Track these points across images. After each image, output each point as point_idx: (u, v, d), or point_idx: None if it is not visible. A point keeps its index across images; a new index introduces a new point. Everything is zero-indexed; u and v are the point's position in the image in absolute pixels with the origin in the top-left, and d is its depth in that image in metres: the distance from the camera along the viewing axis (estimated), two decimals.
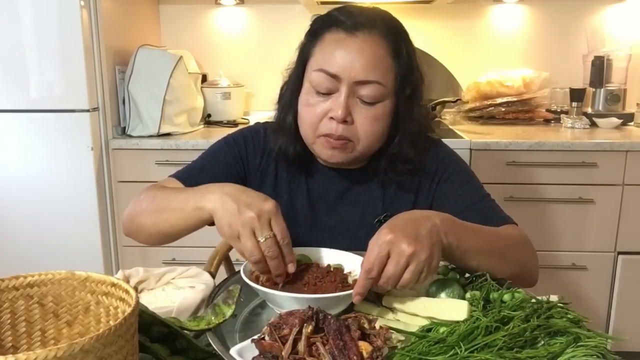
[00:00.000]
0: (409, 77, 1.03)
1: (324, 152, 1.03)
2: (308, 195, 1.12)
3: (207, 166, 1.12)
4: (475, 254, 0.86)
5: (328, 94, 1.00)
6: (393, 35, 1.01)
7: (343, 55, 0.98)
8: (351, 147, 1.02)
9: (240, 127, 2.42)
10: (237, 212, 0.81)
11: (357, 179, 1.11)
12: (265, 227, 0.80)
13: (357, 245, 0.94)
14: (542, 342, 0.67)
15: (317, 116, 1.01)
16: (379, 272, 0.76)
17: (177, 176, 1.10)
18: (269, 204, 0.81)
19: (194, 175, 1.09)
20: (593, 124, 2.40)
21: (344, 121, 0.99)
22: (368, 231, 1.06)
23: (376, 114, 1.00)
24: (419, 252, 0.76)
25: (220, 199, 0.84)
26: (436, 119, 2.49)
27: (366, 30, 0.99)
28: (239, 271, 0.86)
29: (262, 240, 0.79)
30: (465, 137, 2.12)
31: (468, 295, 0.79)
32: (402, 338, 0.70)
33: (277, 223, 0.81)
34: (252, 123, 1.18)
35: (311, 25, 1.06)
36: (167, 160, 2.13)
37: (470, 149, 2.06)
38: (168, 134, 2.22)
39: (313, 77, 1.01)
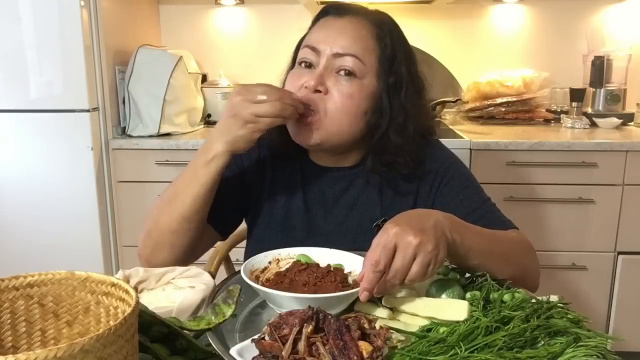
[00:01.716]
0: (392, 65, 1.04)
1: (295, 131, 1.03)
2: (304, 200, 1.11)
3: None
4: (478, 253, 0.85)
5: (310, 67, 1.03)
6: (380, 22, 1.05)
7: (327, 32, 1.03)
8: (317, 123, 1.00)
9: None
10: (228, 114, 0.95)
11: (354, 182, 1.10)
12: (253, 92, 0.93)
13: (355, 249, 0.93)
14: (542, 342, 0.67)
15: (296, 87, 1.02)
16: (386, 266, 0.74)
17: None
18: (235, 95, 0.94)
19: None
20: (593, 124, 2.40)
21: (317, 91, 0.99)
22: (366, 236, 1.05)
23: (351, 89, 1.00)
24: (425, 242, 0.75)
25: (215, 136, 0.97)
26: (436, 119, 2.49)
27: (353, 14, 1.05)
28: (239, 271, 0.86)
29: (262, 98, 0.92)
30: (465, 137, 2.12)
31: (468, 295, 0.79)
32: (402, 338, 0.70)
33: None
34: None
35: None
36: (167, 160, 2.13)
37: (470, 149, 2.06)
38: (168, 134, 2.22)
39: (300, 54, 1.05)
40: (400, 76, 1.04)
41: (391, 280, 0.75)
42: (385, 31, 1.04)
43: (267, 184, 1.13)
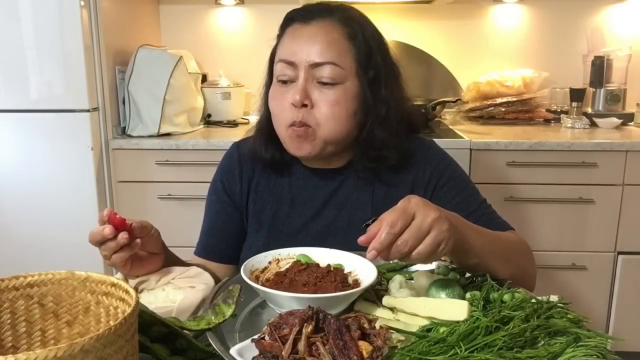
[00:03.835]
0: (369, 59, 1.03)
1: (291, 145, 1.03)
2: (292, 203, 1.11)
3: (213, 227, 1.17)
4: (480, 251, 0.85)
5: (289, 82, 1.02)
6: (347, 19, 1.04)
7: (298, 43, 1.01)
8: (312, 134, 1.01)
9: (240, 127, 2.43)
10: None
11: (345, 182, 1.10)
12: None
13: (346, 250, 0.93)
14: (542, 342, 0.67)
15: (283, 106, 1.02)
16: (402, 230, 0.73)
17: (199, 252, 1.16)
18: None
19: (210, 242, 1.16)
20: (593, 124, 2.40)
21: (304, 105, 0.99)
22: (356, 236, 1.06)
23: (337, 96, 1.00)
24: (443, 221, 0.75)
25: None
26: (436, 119, 2.49)
27: (320, 17, 1.02)
28: (239, 271, 0.86)
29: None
30: (465, 137, 2.11)
31: (468, 295, 0.79)
32: (402, 338, 0.70)
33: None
34: (252, 123, 1.19)
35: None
36: (167, 160, 2.13)
37: (470, 149, 2.06)
38: (168, 134, 2.22)
39: (276, 70, 1.04)
40: (378, 68, 1.04)
41: (400, 246, 0.73)
42: (356, 28, 1.03)
43: (252, 194, 1.13)
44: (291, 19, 1.05)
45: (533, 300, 0.75)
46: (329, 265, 0.89)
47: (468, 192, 1.09)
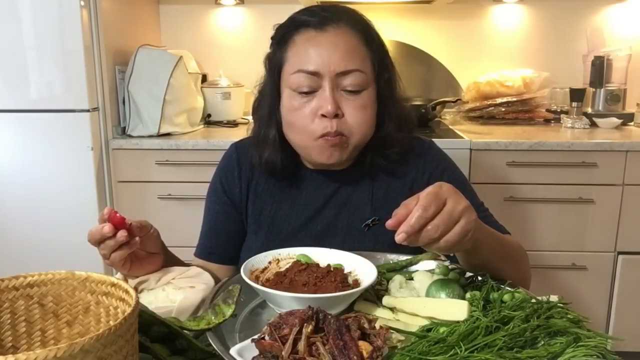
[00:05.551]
0: (383, 61, 1.04)
1: (323, 153, 1.02)
2: (292, 203, 1.11)
3: (213, 228, 1.16)
4: (489, 253, 0.86)
5: (311, 92, 0.99)
6: (360, 23, 1.03)
7: (318, 52, 0.99)
8: (346, 142, 1.01)
9: (240, 127, 2.44)
10: None
11: (345, 183, 1.10)
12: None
13: (345, 250, 0.93)
14: (542, 342, 0.67)
15: (307, 117, 1.00)
16: (434, 215, 0.72)
17: (199, 254, 1.16)
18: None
19: (210, 244, 1.15)
20: (593, 124, 2.40)
21: (336, 115, 0.98)
22: (356, 236, 1.05)
23: (363, 102, 1.01)
24: (471, 211, 0.75)
25: None
26: (436, 119, 2.49)
27: (334, 23, 1.00)
28: (239, 271, 0.86)
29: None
30: (465, 137, 2.11)
31: (468, 295, 0.79)
32: (402, 338, 0.70)
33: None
34: (251, 123, 1.19)
35: (276, 32, 1.07)
36: (167, 160, 2.13)
37: (470, 149, 2.06)
38: (168, 134, 2.22)
39: (292, 80, 1.01)
40: (390, 70, 1.06)
41: (430, 231, 0.72)
42: (370, 32, 1.03)
43: (251, 194, 1.13)
44: (299, 25, 1.02)
45: (533, 300, 0.75)
46: (329, 265, 0.89)
47: (467, 194, 1.08)
